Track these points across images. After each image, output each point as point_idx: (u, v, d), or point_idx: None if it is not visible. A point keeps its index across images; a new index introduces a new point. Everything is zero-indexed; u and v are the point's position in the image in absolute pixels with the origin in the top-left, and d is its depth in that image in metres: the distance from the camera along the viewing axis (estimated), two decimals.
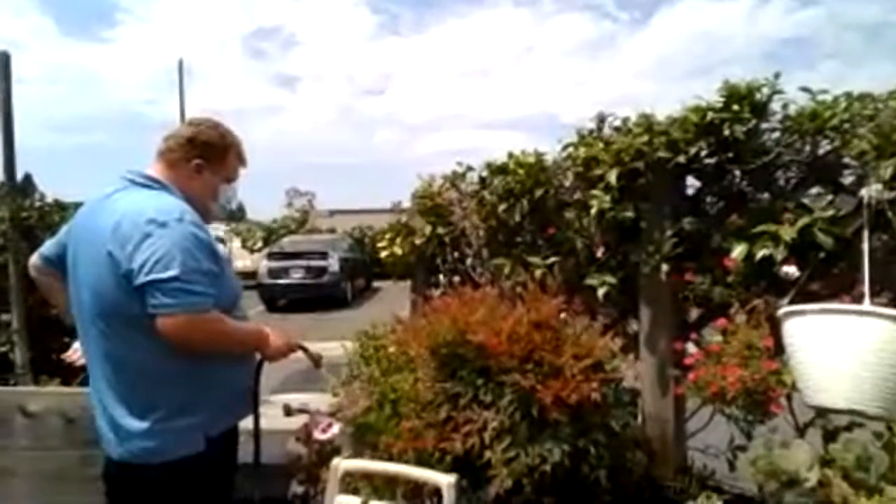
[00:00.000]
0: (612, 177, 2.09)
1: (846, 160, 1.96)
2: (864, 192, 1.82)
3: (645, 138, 2.08)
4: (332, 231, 18.64)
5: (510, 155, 2.77)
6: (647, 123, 2.11)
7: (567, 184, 2.60)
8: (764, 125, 2.03)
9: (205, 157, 1.63)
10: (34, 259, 1.79)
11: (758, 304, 1.86)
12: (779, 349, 1.82)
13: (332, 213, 26.72)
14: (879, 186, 1.77)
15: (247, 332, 1.64)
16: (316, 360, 1.86)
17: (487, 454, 1.90)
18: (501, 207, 2.73)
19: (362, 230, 19.19)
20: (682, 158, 2.02)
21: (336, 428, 2.52)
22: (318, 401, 2.96)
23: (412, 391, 2.64)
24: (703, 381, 1.81)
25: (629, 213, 2.12)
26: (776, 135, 2.02)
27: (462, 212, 3.05)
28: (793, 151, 2.02)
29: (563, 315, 2.14)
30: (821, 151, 2.00)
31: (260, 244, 18.36)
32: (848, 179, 1.97)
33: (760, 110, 1.96)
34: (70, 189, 4.55)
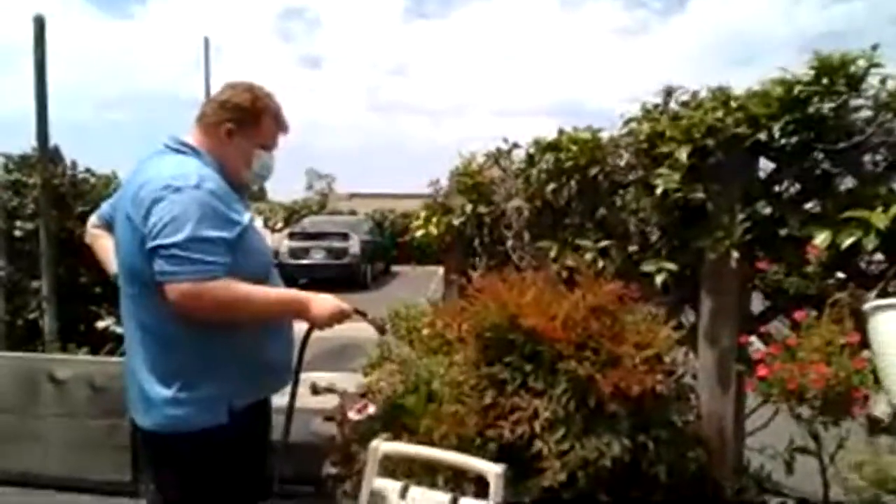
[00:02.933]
0: (683, 154, 1.94)
1: None
2: None
3: (719, 113, 1.91)
4: (353, 213, 18.62)
5: (561, 131, 2.63)
6: (724, 97, 1.94)
7: (622, 163, 2.45)
8: (853, 102, 1.85)
9: (236, 121, 1.57)
10: (92, 217, 1.83)
11: (841, 296, 1.71)
12: (862, 346, 1.67)
13: (352, 195, 26.76)
14: None
15: (277, 299, 1.56)
16: (380, 327, 1.77)
17: (538, 444, 1.78)
18: (550, 187, 2.59)
19: (383, 213, 19.15)
20: (762, 136, 1.85)
21: (371, 409, 2.43)
22: (346, 380, 2.88)
23: (448, 375, 2.54)
24: (778, 378, 1.67)
25: (699, 194, 1.96)
26: (866, 113, 1.84)
27: (505, 191, 2.92)
28: (883, 132, 1.84)
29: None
30: None
31: (281, 224, 18.45)
32: None
33: (855, 85, 1.78)
34: (96, 165, 4.52)
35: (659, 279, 2.14)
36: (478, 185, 3.03)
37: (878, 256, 1.85)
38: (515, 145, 2.90)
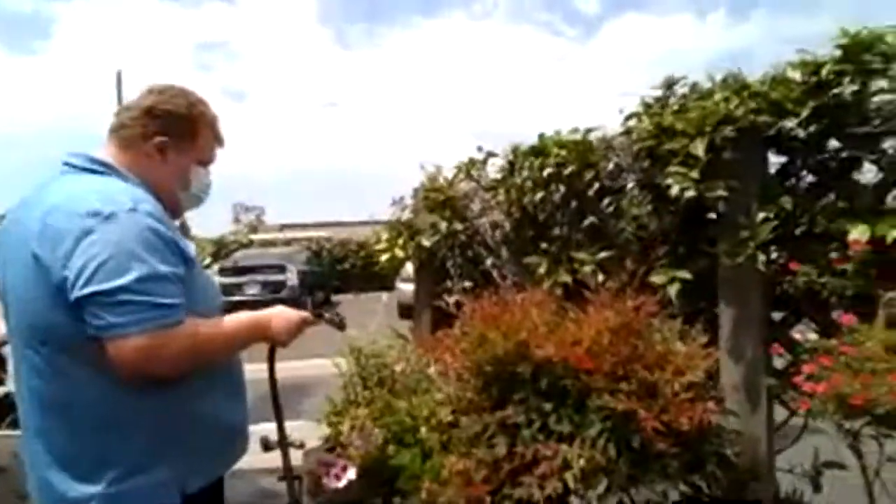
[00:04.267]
0: (699, 149, 1.72)
1: None
2: None
3: (734, 102, 1.73)
4: (289, 244, 17.82)
5: (542, 135, 2.39)
6: (738, 84, 1.76)
7: (611, 165, 2.24)
8: (875, 84, 1.70)
9: (169, 132, 1.28)
10: None
11: (894, 296, 1.53)
12: None
13: (283, 227, 25.77)
14: None
15: (237, 329, 1.30)
16: (339, 324, 1.61)
17: (575, 502, 1.47)
18: (536, 196, 2.33)
19: (319, 242, 18.50)
20: (789, 123, 1.68)
21: (352, 472, 2.04)
22: (304, 430, 2.47)
23: (434, 417, 2.20)
24: (841, 394, 1.45)
25: (721, 192, 1.75)
26: (888, 96, 1.70)
27: (481, 204, 2.64)
28: None
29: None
30: None
31: (209, 260, 17.34)
32: None
33: (889, 61, 1.63)
34: None
35: (672, 290, 1.91)
36: (449, 201, 2.74)
37: None
38: (490, 154, 2.64)
